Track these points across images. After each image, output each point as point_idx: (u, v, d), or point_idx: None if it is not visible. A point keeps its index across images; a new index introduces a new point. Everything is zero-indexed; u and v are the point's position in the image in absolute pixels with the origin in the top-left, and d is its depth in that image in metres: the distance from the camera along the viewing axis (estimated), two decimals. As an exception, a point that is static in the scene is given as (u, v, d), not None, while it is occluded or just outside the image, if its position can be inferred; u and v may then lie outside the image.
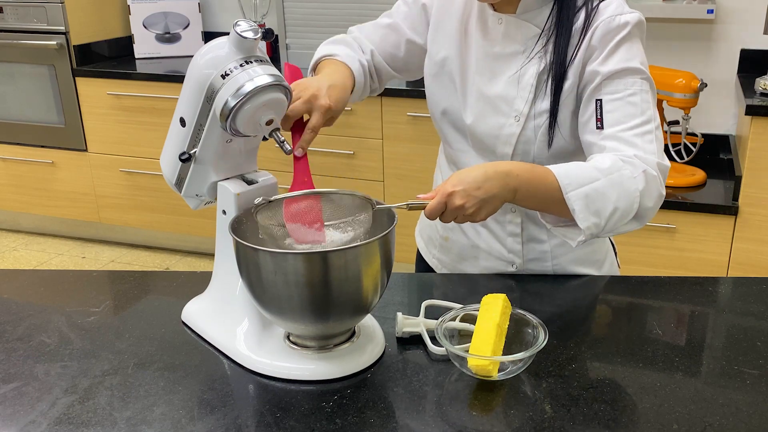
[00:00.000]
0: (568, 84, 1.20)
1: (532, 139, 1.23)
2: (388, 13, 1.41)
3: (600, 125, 1.16)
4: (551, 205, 1.11)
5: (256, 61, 1.03)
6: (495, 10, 1.25)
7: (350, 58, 1.34)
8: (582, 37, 1.18)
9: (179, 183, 1.16)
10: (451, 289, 1.30)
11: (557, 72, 1.19)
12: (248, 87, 1.01)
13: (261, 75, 1.02)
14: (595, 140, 1.16)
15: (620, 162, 1.11)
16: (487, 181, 1.06)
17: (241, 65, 1.02)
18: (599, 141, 1.16)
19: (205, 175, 1.12)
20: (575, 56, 1.19)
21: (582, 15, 1.19)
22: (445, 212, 1.06)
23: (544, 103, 1.21)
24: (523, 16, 1.22)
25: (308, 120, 1.18)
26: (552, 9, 1.21)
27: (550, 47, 1.20)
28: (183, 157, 1.10)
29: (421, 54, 1.37)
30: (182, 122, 1.09)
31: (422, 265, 1.49)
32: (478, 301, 1.07)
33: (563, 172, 1.09)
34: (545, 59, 1.20)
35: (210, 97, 1.04)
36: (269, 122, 1.05)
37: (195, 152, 1.10)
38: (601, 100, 1.16)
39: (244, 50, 1.03)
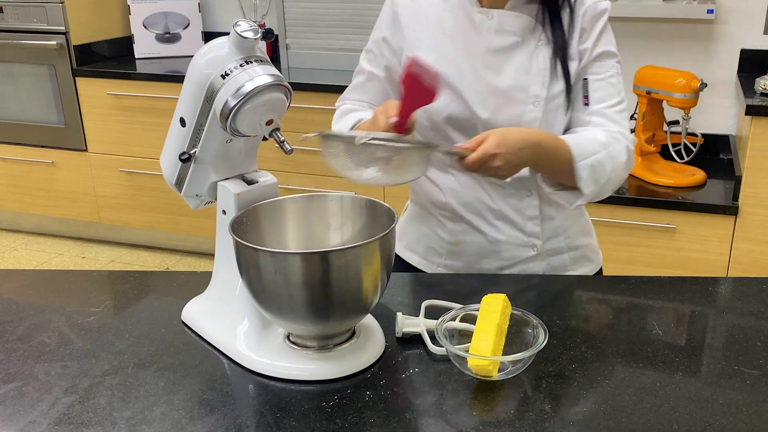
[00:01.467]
0: (575, 63, 1.29)
1: (552, 121, 1.30)
2: (358, 70, 1.45)
3: (587, 102, 1.30)
4: (559, 172, 1.27)
5: (256, 61, 1.03)
6: (482, 5, 1.29)
7: (366, 110, 1.40)
8: (571, 20, 1.29)
9: (179, 183, 1.16)
10: (452, 289, 1.30)
11: (563, 54, 1.29)
12: (248, 87, 1.01)
13: (261, 75, 1.02)
14: (581, 116, 1.31)
15: (611, 137, 1.27)
16: (523, 149, 1.18)
17: (241, 65, 1.02)
18: (585, 116, 1.31)
19: (205, 175, 1.12)
20: (572, 37, 1.29)
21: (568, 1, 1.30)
22: (481, 169, 1.16)
23: (560, 84, 1.29)
24: (514, 8, 1.29)
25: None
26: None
27: (548, 33, 1.29)
28: (183, 157, 1.10)
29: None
30: (182, 122, 1.09)
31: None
32: (478, 301, 1.07)
33: (576, 143, 1.25)
34: (551, 44, 1.29)
35: (210, 97, 1.04)
36: (269, 122, 1.05)
37: (195, 152, 1.10)
38: (587, 79, 1.30)
39: (244, 50, 1.03)
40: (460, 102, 1.30)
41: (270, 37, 1.09)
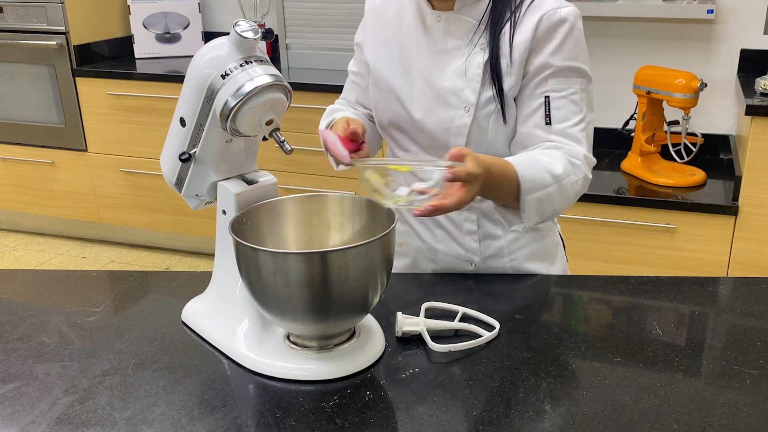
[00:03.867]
0: (513, 71, 1.23)
1: (484, 128, 1.26)
2: (348, 68, 1.48)
3: (549, 121, 1.23)
4: (505, 199, 1.20)
5: (256, 61, 1.03)
6: (434, 8, 1.28)
7: (347, 111, 1.42)
8: (513, 27, 1.23)
9: (179, 183, 1.16)
10: (452, 289, 1.30)
11: (496, 62, 1.23)
12: (248, 87, 1.01)
13: (261, 75, 1.02)
14: (541, 133, 1.24)
15: (570, 166, 1.20)
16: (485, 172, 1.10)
17: (241, 65, 1.02)
18: (546, 135, 1.23)
19: (205, 175, 1.12)
20: (513, 44, 1.22)
21: (522, 5, 1.24)
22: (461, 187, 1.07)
23: (491, 91, 1.25)
24: (461, 11, 1.27)
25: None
26: (489, 1, 1.26)
27: (487, 38, 1.24)
28: (183, 157, 1.10)
29: None
30: (182, 122, 1.09)
31: None
32: (478, 302, 1.07)
33: (526, 174, 1.17)
34: (488, 49, 1.24)
35: (210, 97, 1.04)
36: (269, 122, 1.05)
37: (195, 152, 1.10)
38: (549, 97, 1.23)
39: (244, 50, 1.03)
40: (398, 106, 1.32)
41: (270, 37, 1.09)
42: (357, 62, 1.44)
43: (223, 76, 1.02)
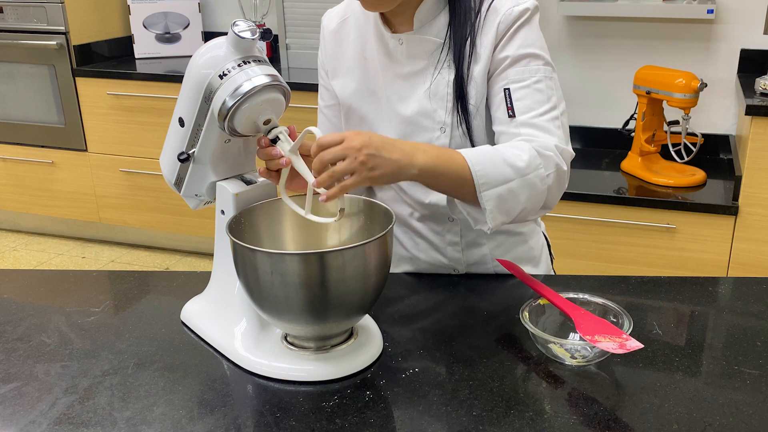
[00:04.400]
0: (479, 83, 1.19)
1: (462, 145, 1.22)
2: (319, 94, 1.40)
3: (512, 113, 1.16)
4: (460, 192, 1.10)
5: (254, 61, 1.03)
6: (393, 32, 1.24)
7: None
8: (473, 39, 1.18)
9: (178, 183, 1.16)
10: (453, 288, 1.30)
11: (460, 79, 1.19)
12: (246, 87, 1.01)
13: (259, 75, 1.02)
14: (508, 129, 1.17)
15: (537, 159, 1.11)
16: (394, 144, 1.03)
17: (239, 65, 1.02)
18: (512, 129, 1.16)
19: (203, 174, 1.12)
20: (477, 56, 1.19)
21: (481, 15, 1.19)
22: (337, 147, 0.99)
23: (462, 109, 1.21)
24: (421, 31, 1.22)
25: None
26: (448, 16, 1.21)
27: (451, 56, 1.20)
28: (182, 158, 1.10)
29: None
30: (181, 122, 1.09)
31: None
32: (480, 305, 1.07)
33: (480, 169, 1.07)
34: (453, 66, 1.20)
35: (208, 97, 1.04)
36: (267, 122, 1.05)
37: (194, 152, 1.10)
38: (509, 89, 1.16)
39: (242, 50, 1.03)
40: (371, 130, 1.27)
41: (268, 37, 1.08)
42: (324, 92, 1.37)
43: (221, 76, 1.02)
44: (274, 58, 3.44)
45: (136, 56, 3.59)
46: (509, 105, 1.16)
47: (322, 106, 1.39)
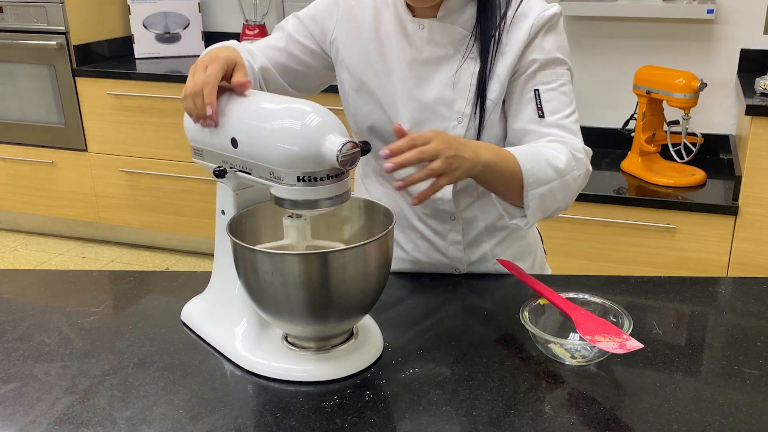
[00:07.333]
0: (502, 80, 1.21)
1: (472, 138, 1.23)
2: (279, 26, 1.35)
3: (542, 114, 1.21)
4: (507, 191, 1.15)
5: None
6: (414, 15, 1.24)
7: (242, 52, 1.25)
8: (500, 36, 1.20)
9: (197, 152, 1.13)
10: (452, 288, 1.30)
11: (485, 73, 1.21)
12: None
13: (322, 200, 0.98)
14: (537, 128, 1.21)
15: (572, 161, 1.17)
16: (462, 143, 1.06)
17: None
18: (542, 128, 1.21)
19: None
20: (503, 53, 1.20)
21: (507, 15, 1.21)
22: (432, 146, 1.01)
23: (483, 102, 1.22)
24: (446, 20, 1.22)
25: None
26: (476, 9, 1.22)
27: (478, 49, 1.21)
28: (218, 170, 1.05)
29: (322, 69, 1.33)
30: (234, 143, 1.03)
31: None
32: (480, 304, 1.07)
33: (529, 169, 1.12)
34: (479, 60, 1.21)
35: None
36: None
37: (234, 169, 1.05)
38: (538, 90, 1.21)
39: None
40: (381, 113, 1.27)
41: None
42: (299, 31, 1.31)
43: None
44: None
45: (136, 56, 3.59)
46: (539, 106, 1.21)
47: (287, 34, 1.32)
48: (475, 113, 1.22)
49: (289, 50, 1.32)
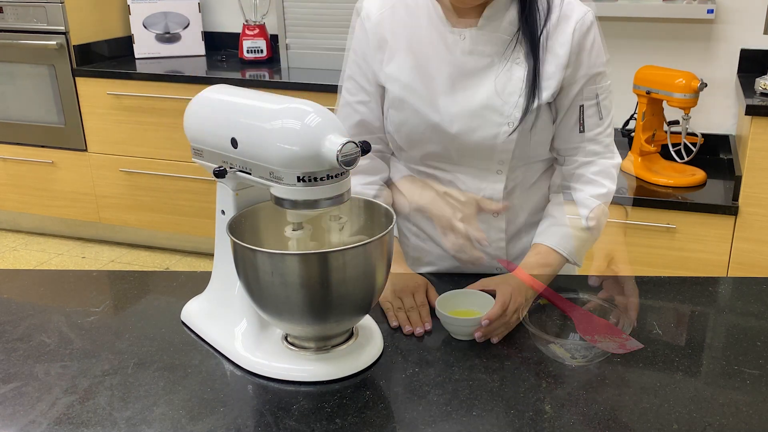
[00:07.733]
0: (554, 83, 1.22)
1: (527, 139, 1.24)
2: (343, 103, 1.34)
3: (582, 129, 1.27)
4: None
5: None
6: (457, 18, 1.22)
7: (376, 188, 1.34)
8: (547, 38, 1.21)
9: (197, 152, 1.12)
10: (452, 288, 1.30)
11: (536, 76, 1.21)
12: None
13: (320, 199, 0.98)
14: (578, 144, 1.27)
15: (603, 206, 1.28)
16: (530, 284, 1.17)
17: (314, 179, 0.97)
18: (580, 144, 1.27)
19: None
20: (551, 54, 1.21)
21: (552, 15, 1.21)
22: (513, 307, 1.12)
23: (530, 104, 1.21)
24: (487, 27, 1.21)
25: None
26: (517, 11, 1.21)
27: (524, 52, 1.21)
28: (218, 170, 1.04)
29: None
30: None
31: None
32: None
33: (574, 253, 1.27)
34: (525, 63, 1.21)
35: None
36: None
37: (233, 169, 1.05)
38: (582, 105, 1.25)
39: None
40: (426, 121, 1.24)
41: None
42: (355, 86, 1.32)
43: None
44: (274, 58, 3.44)
45: (136, 56, 3.58)
46: (581, 121, 1.26)
47: (352, 101, 1.32)
48: (525, 117, 1.22)
49: (364, 106, 1.32)
